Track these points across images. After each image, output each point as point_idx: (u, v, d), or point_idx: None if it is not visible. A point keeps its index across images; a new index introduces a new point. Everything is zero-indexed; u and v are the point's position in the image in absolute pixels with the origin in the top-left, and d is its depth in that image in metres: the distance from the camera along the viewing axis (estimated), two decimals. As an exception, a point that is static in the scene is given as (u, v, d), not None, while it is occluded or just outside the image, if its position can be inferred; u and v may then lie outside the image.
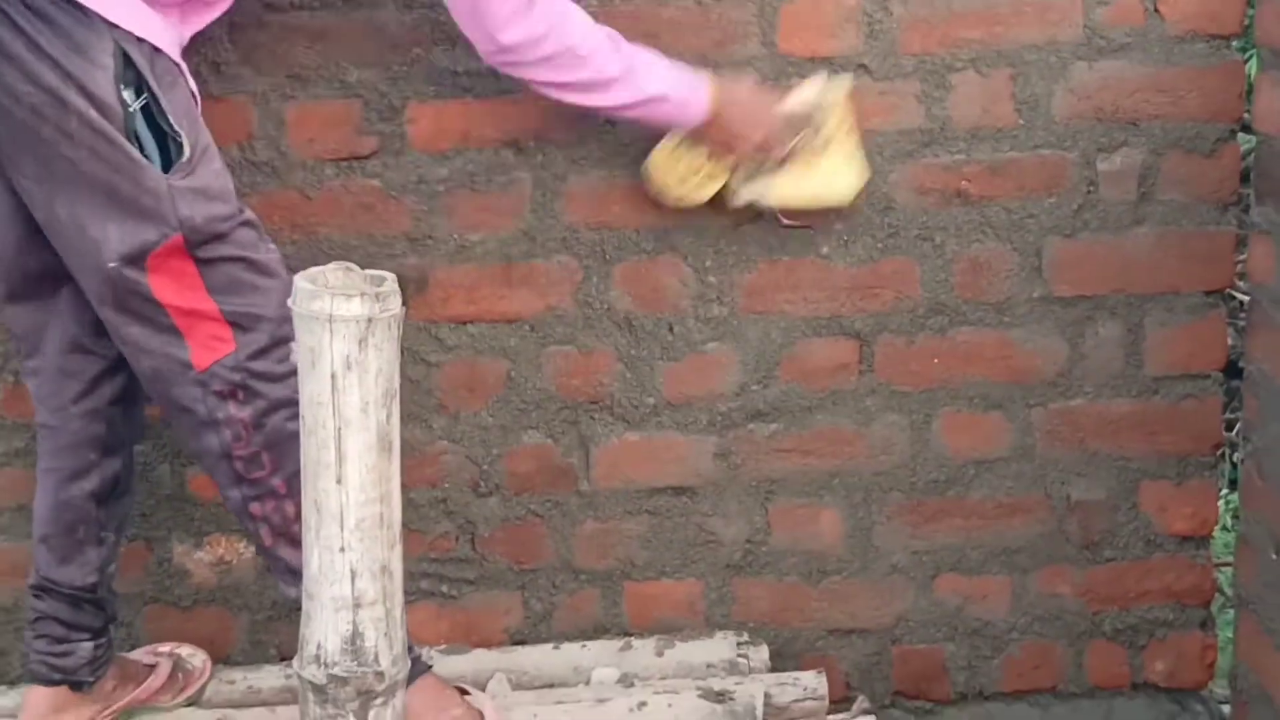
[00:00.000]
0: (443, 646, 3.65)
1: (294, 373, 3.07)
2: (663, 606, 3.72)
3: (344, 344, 2.68)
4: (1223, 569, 4.02)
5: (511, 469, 3.65)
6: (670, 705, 3.43)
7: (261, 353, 3.11)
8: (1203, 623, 3.79)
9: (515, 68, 3.27)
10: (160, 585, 3.63)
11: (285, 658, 3.60)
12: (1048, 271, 3.61)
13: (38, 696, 3.40)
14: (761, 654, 3.65)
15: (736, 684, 3.50)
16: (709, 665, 3.63)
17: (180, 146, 3.03)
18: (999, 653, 3.77)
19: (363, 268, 2.83)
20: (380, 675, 2.74)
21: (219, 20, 3.23)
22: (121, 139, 2.98)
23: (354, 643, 2.73)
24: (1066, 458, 3.70)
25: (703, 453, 3.66)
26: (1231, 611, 3.80)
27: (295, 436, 3.06)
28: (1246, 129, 3.63)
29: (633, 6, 3.47)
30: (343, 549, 2.72)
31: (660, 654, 3.65)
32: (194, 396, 3.11)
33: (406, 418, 2.73)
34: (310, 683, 2.75)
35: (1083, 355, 3.66)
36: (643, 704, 3.44)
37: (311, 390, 2.73)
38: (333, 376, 2.69)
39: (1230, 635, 3.74)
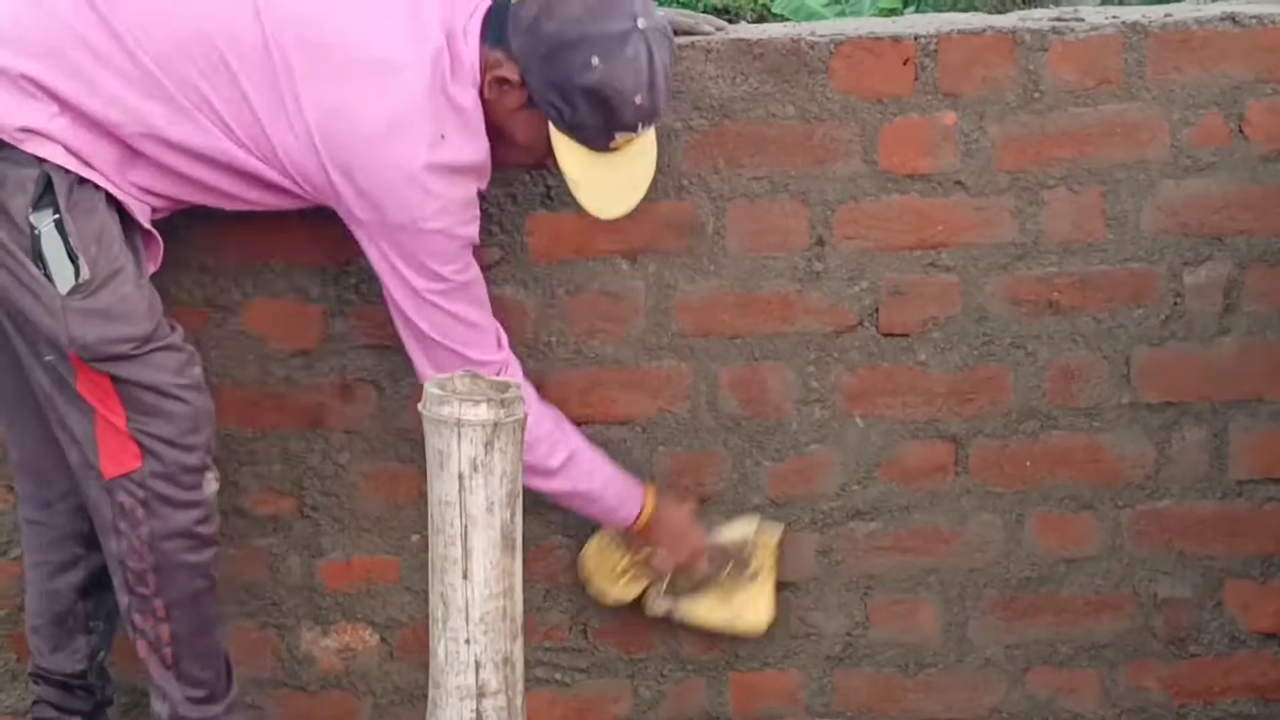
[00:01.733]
0: (557, 732, 3.66)
1: (201, 503, 3.15)
2: (766, 696, 3.70)
3: (471, 447, 2.70)
4: (1305, 665, 4.00)
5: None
6: (774, 791, 3.44)
7: (166, 477, 3.12)
8: (1286, 717, 3.77)
9: None
10: (289, 671, 3.64)
11: (407, 742, 3.62)
12: (1136, 379, 3.60)
13: None
14: (860, 743, 3.63)
15: (837, 772, 3.49)
16: (811, 754, 3.61)
17: (79, 270, 3.04)
18: (1090, 744, 3.78)
19: (469, 369, 2.89)
20: (502, 762, 2.73)
21: None
22: (24, 257, 3.03)
23: (477, 730, 2.73)
24: (1154, 557, 3.67)
25: (805, 549, 3.65)
26: (1314, 706, 3.76)
27: (186, 567, 3.17)
28: (1326, 244, 3.63)
29: (739, 125, 3.48)
30: (468, 641, 2.73)
31: (763, 741, 3.64)
32: (103, 501, 3.14)
33: (524, 514, 2.75)
34: (437, 768, 2.74)
35: (1169, 459, 3.64)
36: (747, 789, 3.44)
37: (440, 490, 2.74)
38: (460, 477, 2.70)
39: (1312, 729, 3.71)
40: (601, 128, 3.12)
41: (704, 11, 7.35)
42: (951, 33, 3.51)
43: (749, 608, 3.60)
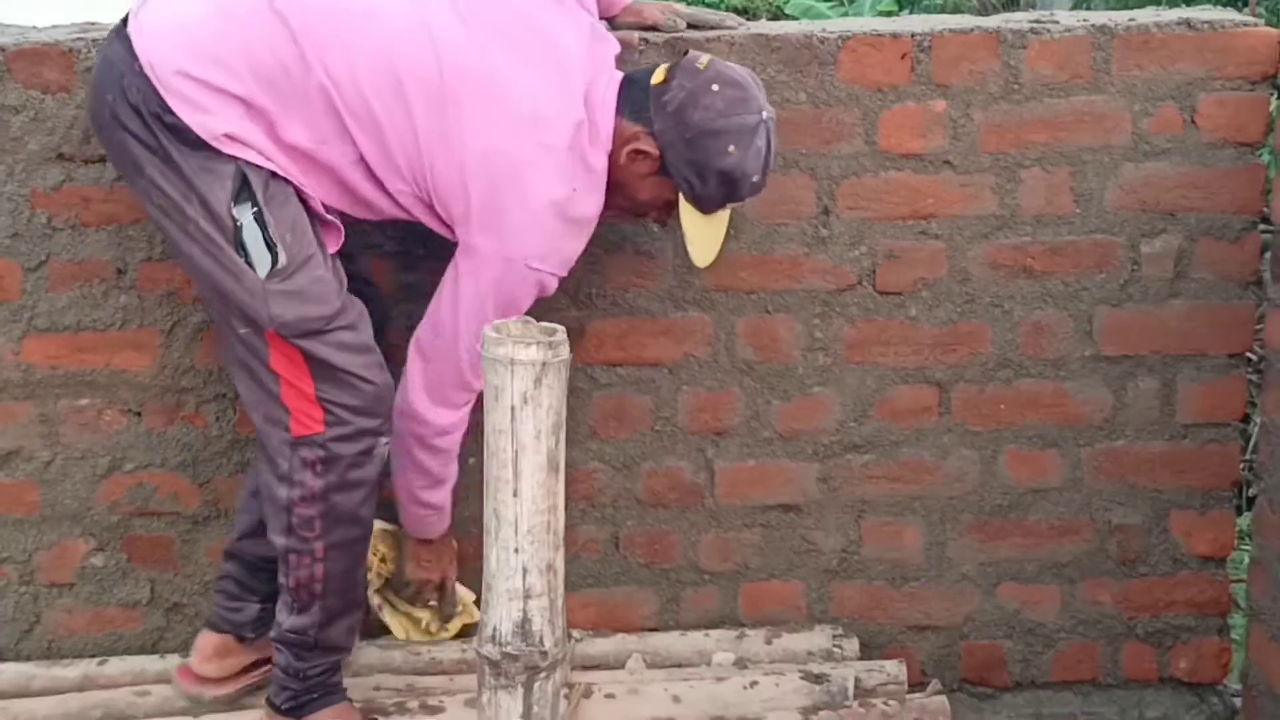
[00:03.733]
0: (590, 631, 3.74)
1: (374, 463, 3.22)
2: (772, 603, 3.81)
3: (522, 383, 2.75)
4: (1237, 584, 4.00)
5: (650, 486, 3.74)
6: (777, 685, 3.52)
7: (345, 439, 3.19)
8: (1220, 629, 3.85)
9: (418, 440, 3.36)
10: None
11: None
12: (1098, 335, 3.70)
13: (207, 640, 3.51)
14: (853, 645, 3.71)
15: (832, 669, 3.58)
16: (809, 653, 3.70)
17: (277, 256, 3.11)
18: (1049, 649, 3.85)
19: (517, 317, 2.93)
20: (544, 654, 2.79)
21: None
22: (227, 246, 3.09)
23: (523, 627, 2.77)
24: (1109, 489, 3.78)
25: (808, 477, 3.75)
26: (1244, 620, 3.85)
27: (350, 517, 3.24)
28: (1266, 221, 3.68)
29: None
30: (516, 550, 2.78)
31: (769, 642, 3.73)
32: (283, 454, 3.21)
33: (566, 442, 2.79)
34: (487, 658, 2.81)
35: (1125, 404, 3.74)
36: (754, 683, 3.53)
37: (494, 420, 2.79)
38: (512, 409, 2.76)
39: (1242, 639, 3.80)
40: (722, 199, 3.25)
41: (724, 9, 7.46)
42: (943, 31, 3.58)
43: (415, 631, 3.71)
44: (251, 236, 3.10)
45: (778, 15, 8.40)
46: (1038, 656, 3.86)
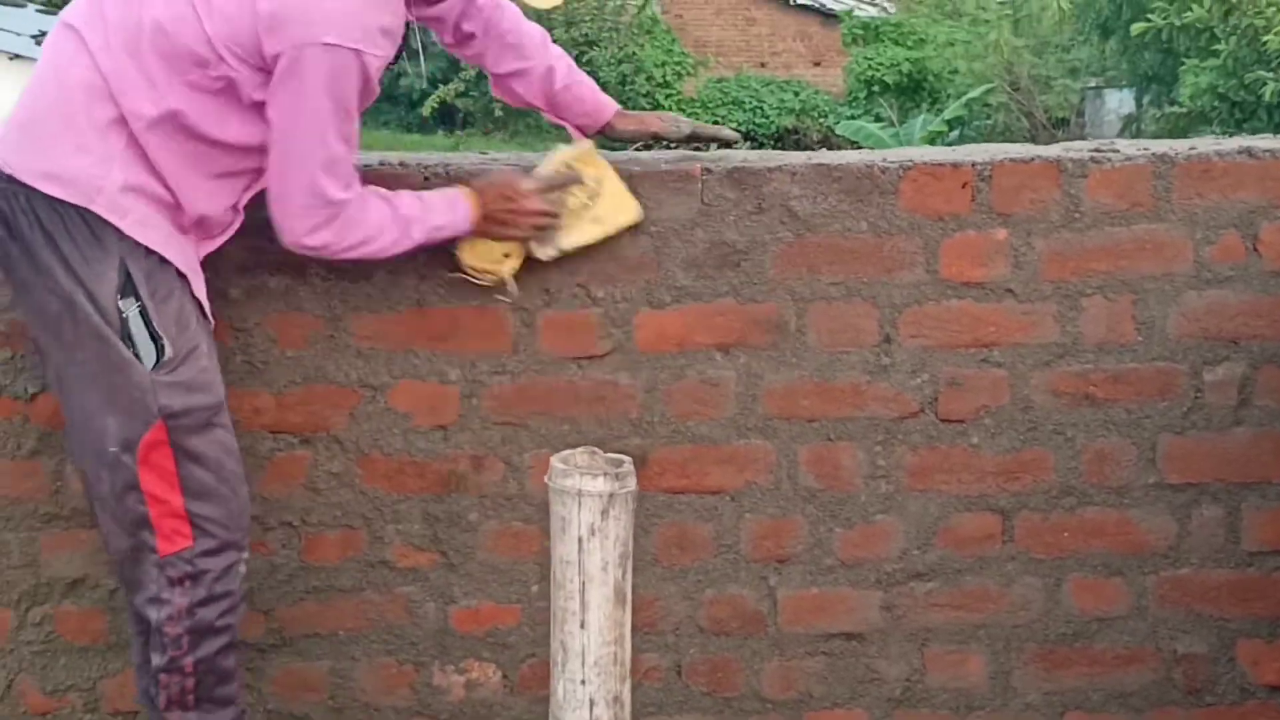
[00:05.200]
0: (652, 761, 3.70)
1: (236, 578, 3.23)
2: None
3: (589, 514, 2.82)
4: (1306, 714, 3.94)
5: (712, 614, 3.70)
6: (842, 814, 3.50)
7: (211, 553, 3.22)
8: (1288, 760, 3.78)
9: (316, 254, 3.30)
10: (423, 702, 3.71)
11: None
12: (1161, 462, 3.67)
13: None
14: (917, 774, 3.66)
15: (897, 799, 3.55)
16: (873, 782, 3.66)
17: (163, 349, 3.13)
18: (1115, 778, 3.78)
19: (587, 447, 2.99)
20: (611, 783, 2.78)
21: None
22: (116, 340, 3.11)
23: (590, 759, 2.76)
24: (1174, 617, 3.72)
25: (871, 604, 3.71)
26: (1313, 751, 3.77)
27: (214, 630, 3.23)
28: (1329, 348, 3.64)
29: (819, 237, 3.57)
30: (583, 681, 2.83)
31: (832, 771, 3.68)
32: (151, 575, 3.21)
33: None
34: (558, 787, 2.80)
35: (1189, 532, 3.70)
36: (819, 813, 3.51)
37: (561, 551, 2.85)
38: (579, 541, 2.81)
39: (1311, 772, 3.71)
40: None
41: (775, 132, 7.52)
42: (1004, 160, 3.59)
43: (614, 210, 3.55)
44: (137, 328, 3.13)
45: (828, 135, 8.48)
46: (1105, 788, 3.81)
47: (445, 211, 3.40)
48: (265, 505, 3.65)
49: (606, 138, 3.62)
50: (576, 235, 3.55)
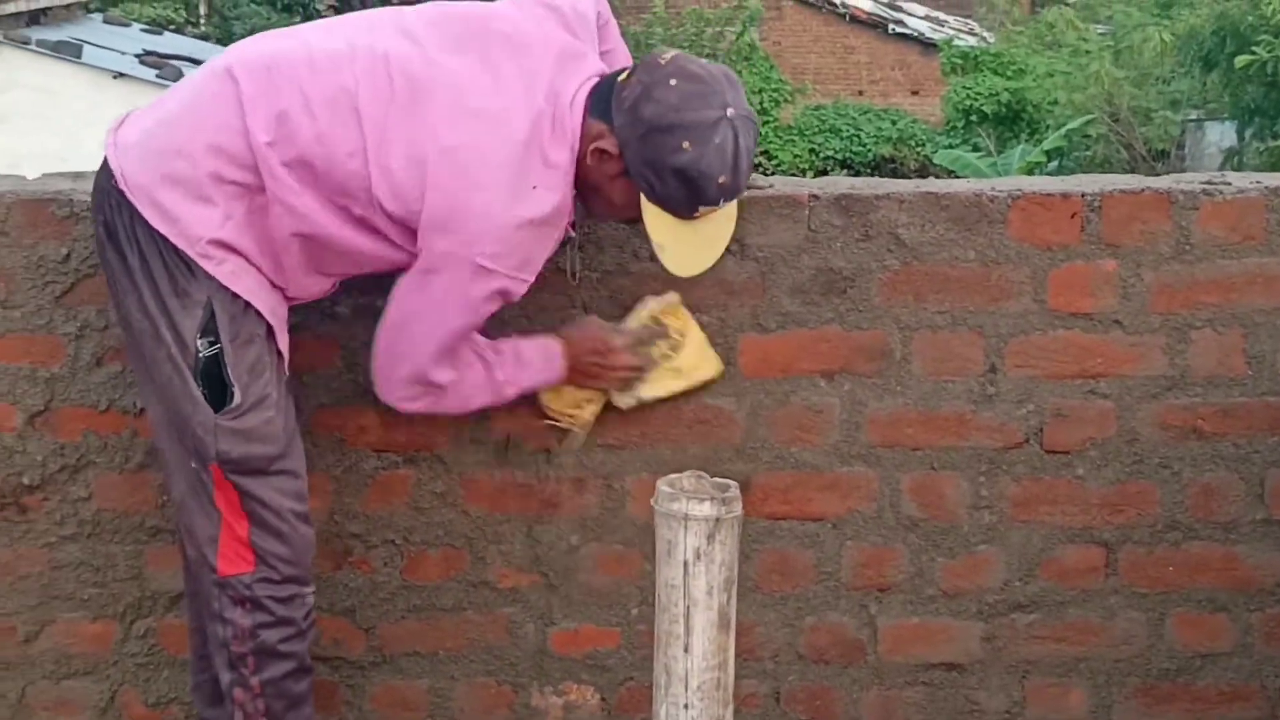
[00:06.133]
0: (750, 788, 3.68)
1: (299, 605, 3.25)
2: None
3: (695, 539, 2.80)
4: None
5: (812, 641, 3.69)
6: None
7: (270, 583, 3.24)
8: (1395, 802, 3.72)
9: (415, 401, 3.33)
10: None
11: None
12: (1269, 498, 3.62)
13: None
14: (1016, 807, 3.62)
15: (995, 832, 3.52)
16: (971, 816, 3.63)
17: (232, 395, 3.15)
18: (1218, 819, 3.74)
19: (694, 471, 2.98)
20: (712, 810, 2.77)
21: None
22: (189, 374, 3.14)
23: (693, 786, 2.75)
24: None
25: (972, 635, 3.68)
26: None
27: (280, 655, 3.26)
28: None
29: (926, 266, 3.56)
30: (686, 706, 2.81)
31: (930, 803, 3.66)
32: (211, 593, 3.24)
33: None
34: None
35: None
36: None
37: (666, 575, 2.84)
38: (684, 565, 2.80)
39: None
40: (687, 202, 3.12)
41: (872, 161, 7.52)
42: (1114, 191, 3.56)
43: (696, 362, 3.57)
44: (211, 371, 3.15)
45: (925, 164, 8.46)
46: (1206, 827, 3.77)
47: (540, 370, 3.44)
48: (368, 523, 3.67)
49: None
50: (658, 386, 3.58)
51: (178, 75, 19.35)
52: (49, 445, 3.62)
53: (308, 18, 28.01)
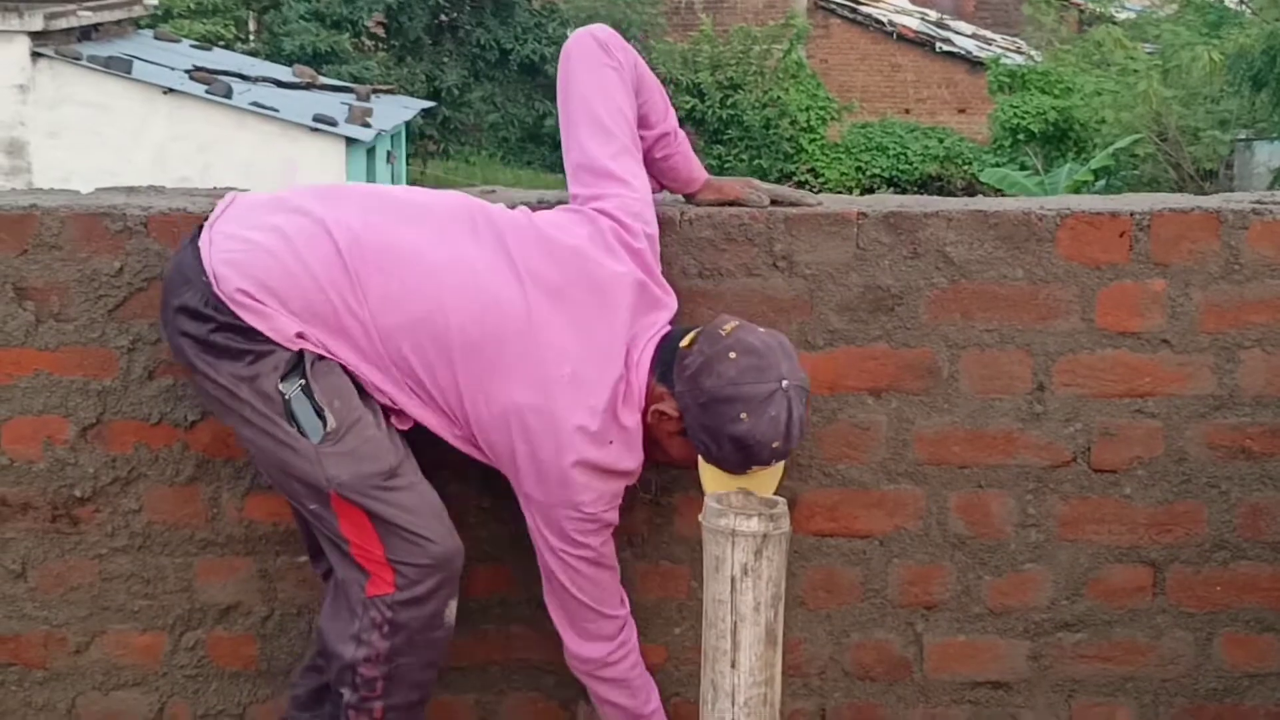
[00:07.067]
0: (795, 803, 3.68)
1: (443, 628, 3.26)
2: None
3: (742, 554, 2.81)
4: None
5: (858, 659, 3.69)
6: None
7: (415, 602, 3.24)
8: None
9: (588, 676, 3.47)
10: None
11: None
12: None
13: None
14: (1062, 826, 3.61)
15: None
16: (1018, 834, 3.62)
17: (326, 421, 3.19)
18: (1263, 837, 3.72)
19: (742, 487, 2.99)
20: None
21: None
22: (280, 420, 3.20)
23: (740, 802, 2.75)
24: None
25: (1018, 654, 3.68)
26: None
27: (413, 684, 3.26)
28: None
29: (974, 284, 3.56)
30: None
31: (976, 821, 3.65)
32: (355, 611, 3.26)
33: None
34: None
35: None
36: None
37: (713, 590, 2.85)
38: (732, 580, 2.81)
39: None
40: (741, 464, 3.25)
41: (919, 178, 7.53)
42: (1163, 210, 3.56)
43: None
44: (301, 407, 3.20)
45: (972, 183, 8.46)
46: (1252, 845, 3.75)
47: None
48: (417, 537, 3.66)
49: (690, 201, 3.63)
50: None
51: (227, 91, 19.53)
52: (100, 458, 3.64)
53: (356, 35, 28.14)
